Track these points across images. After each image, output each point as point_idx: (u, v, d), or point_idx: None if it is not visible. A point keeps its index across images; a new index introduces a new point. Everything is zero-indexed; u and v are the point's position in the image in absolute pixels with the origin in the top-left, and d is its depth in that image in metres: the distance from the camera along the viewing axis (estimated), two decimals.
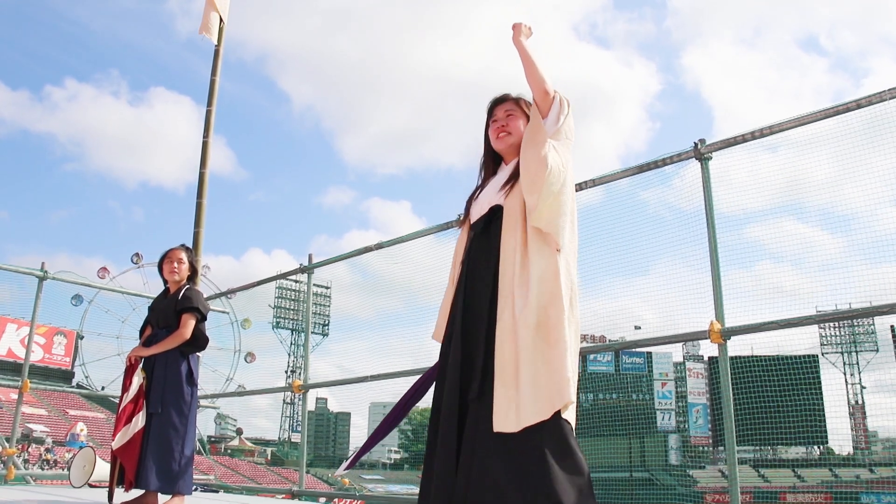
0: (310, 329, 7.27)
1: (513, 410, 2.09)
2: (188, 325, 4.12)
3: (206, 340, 4.27)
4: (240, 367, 40.61)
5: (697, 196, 4.19)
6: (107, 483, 4.10)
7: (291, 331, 48.96)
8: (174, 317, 4.16)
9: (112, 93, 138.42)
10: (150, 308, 4.43)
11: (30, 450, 29.05)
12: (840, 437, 40.46)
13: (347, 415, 76.17)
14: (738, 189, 4.33)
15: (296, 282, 38.22)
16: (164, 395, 4.01)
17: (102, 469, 4.54)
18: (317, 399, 71.16)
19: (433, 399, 2.33)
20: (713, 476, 39.95)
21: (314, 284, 6.91)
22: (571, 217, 2.33)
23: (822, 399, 38.41)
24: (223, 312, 13.10)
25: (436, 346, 2.61)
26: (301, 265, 6.71)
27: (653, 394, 44.43)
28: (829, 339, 43.07)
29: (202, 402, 8.38)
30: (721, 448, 40.04)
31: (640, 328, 5.91)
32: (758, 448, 41.70)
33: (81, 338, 40.49)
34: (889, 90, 3.56)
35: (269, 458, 51.96)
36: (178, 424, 4.00)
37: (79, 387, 37.56)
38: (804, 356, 36.61)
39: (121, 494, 3.94)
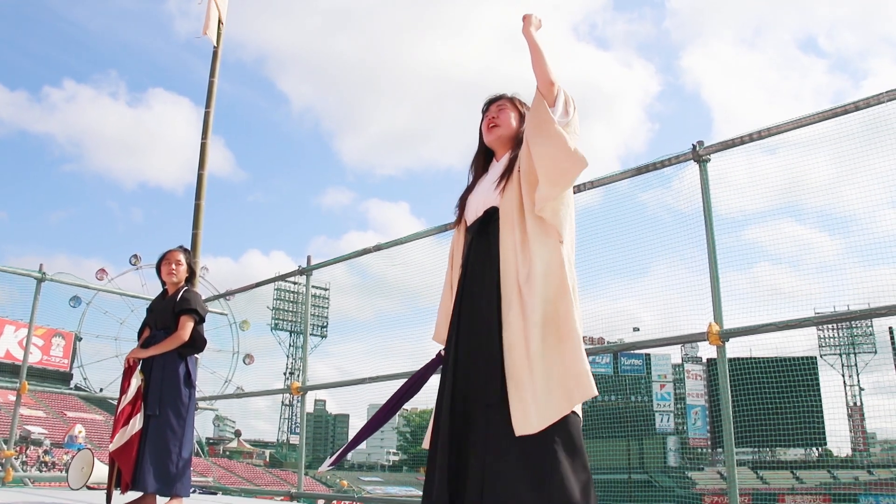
0: (308, 331, 7.26)
1: (532, 412, 2.06)
2: (186, 327, 4.12)
3: (205, 342, 4.27)
4: (238, 369, 40.60)
5: (696, 198, 4.20)
6: (105, 485, 4.09)
7: (290, 332, 48.91)
8: (172, 318, 4.15)
9: (110, 94, 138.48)
10: (149, 310, 4.42)
11: (28, 452, 28.99)
12: (838, 439, 40.46)
13: (346, 417, 76.20)
14: (737, 191, 4.33)
15: (294, 283, 38.17)
16: (162, 397, 4.01)
17: (100, 471, 4.54)
18: (315, 401, 71.07)
19: (436, 404, 2.30)
20: (712, 478, 39.97)
21: (313, 286, 6.91)
22: (571, 211, 2.33)
23: (821, 401, 38.45)
24: (222, 314, 13.11)
25: (434, 348, 2.61)
26: (299, 267, 6.70)
27: (651, 395, 44.44)
28: (828, 341, 43.09)
29: (201, 404, 8.37)
30: (720, 450, 40.06)
31: (639, 330, 5.92)
32: (756, 450, 41.71)
33: (80, 339, 40.42)
34: (887, 92, 3.57)
35: (268, 460, 51.84)
36: (176, 426, 3.99)
37: (77, 388, 37.43)
38: (803, 358, 36.65)
39: (119, 497, 3.93)
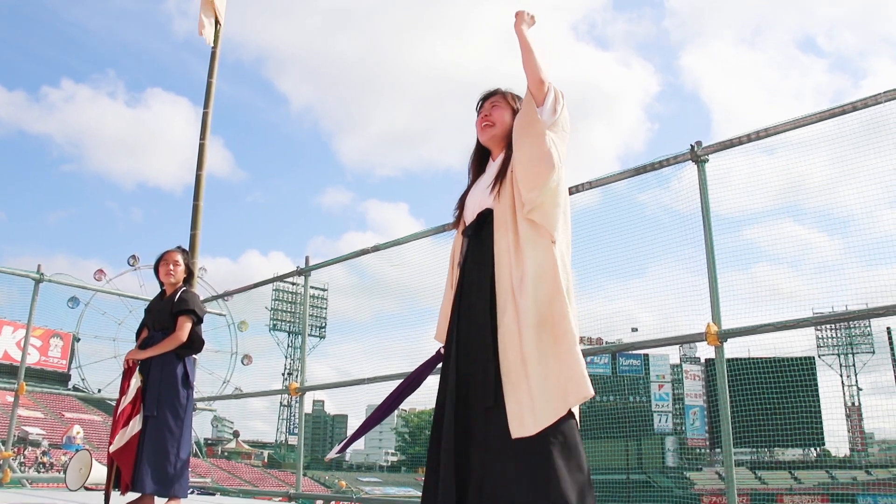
0: (307, 331, 7.26)
1: (528, 414, 2.05)
2: (184, 328, 4.12)
3: (202, 343, 4.27)
4: (236, 370, 40.57)
5: (694, 198, 4.20)
6: (103, 486, 4.08)
7: (288, 333, 48.90)
8: (170, 319, 4.15)
9: (109, 93, 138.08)
10: (147, 310, 4.42)
11: (26, 453, 28.95)
12: (837, 439, 40.51)
13: (344, 417, 76.19)
14: (736, 191, 4.33)
15: (293, 284, 38.15)
16: (160, 398, 4.00)
17: (99, 472, 4.53)
18: (314, 401, 71.05)
19: (436, 405, 2.30)
20: (710, 478, 39.99)
21: (311, 286, 6.91)
22: (564, 209, 2.31)
23: (819, 401, 38.52)
24: (220, 315, 13.10)
25: (434, 349, 2.61)
26: (298, 267, 6.70)
27: (650, 396, 44.46)
28: (826, 341, 43.15)
29: (199, 405, 8.36)
30: (718, 450, 40.08)
31: (637, 330, 5.94)
32: (755, 450, 41.75)
33: (78, 340, 40.40)
34: (885, 92, 3.58)
35: (266, 461, 51.82)
36: (174, 427, 3.99)
37: (75, 389, 37.39)
38: (801, 358, 36.71)
39: (117, 497, 3.93)
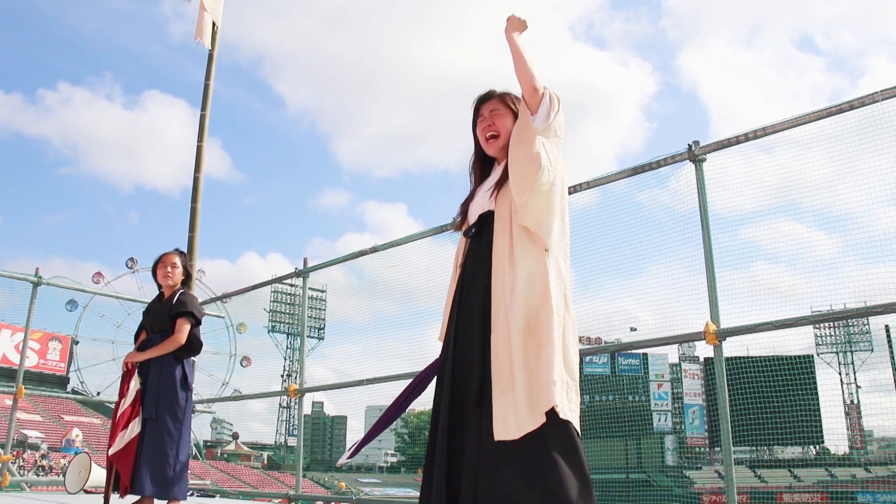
0: (305, 333, 7.26)
1: (511, 417, 2.07)
2: (182, 330, 4.11)
3: (201, 345, 4.27)
4: (235, 372, 40.64)
5: (692, 197, 4.20)
6: (102, 489, 4.08)
7: (287, 334, 48.87)
8: (168, 321, 4.15)
9: (106, 96, 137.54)
10: (145, 313, 4.42)
11: (25, 456, 28.90)
12: (836, 437, 40.65)
13: (344, 418, 76.11)
14: (734, 190, 4.33)
15: (291, 285, 38.15)
16: (159, 401, 4.00)
17: (98, 475, 4.53)
18: (313, 403, 70.96)
19: (433, 404, 2.31)
20: (710, 477, 40.03)
21: (310, 288, 6.91)
22: (561, 217, 2.30)
23: (818, 399, 38.59)
24: (218, 317, 13.08)
25: (433, 349, 2.61)
26: (296, 269, 6.70)
27: (649, 395, 44.50)
28: (825, 340, 43.22)
29: (198, 407, 8.36)
30: (717, 449, 40.12)
31: (636, 330, 5.94)
32: (754, 448, 41.83)
33: (76, 343, 40.38)
34: (882, 91, 3.58)
35: (266, 463, 51.76)
36: (173, 429, 3.99)
37: (74, 392, 37.37)
38: (800, 356, 36.81)
39: (117, 500, 3.93)
